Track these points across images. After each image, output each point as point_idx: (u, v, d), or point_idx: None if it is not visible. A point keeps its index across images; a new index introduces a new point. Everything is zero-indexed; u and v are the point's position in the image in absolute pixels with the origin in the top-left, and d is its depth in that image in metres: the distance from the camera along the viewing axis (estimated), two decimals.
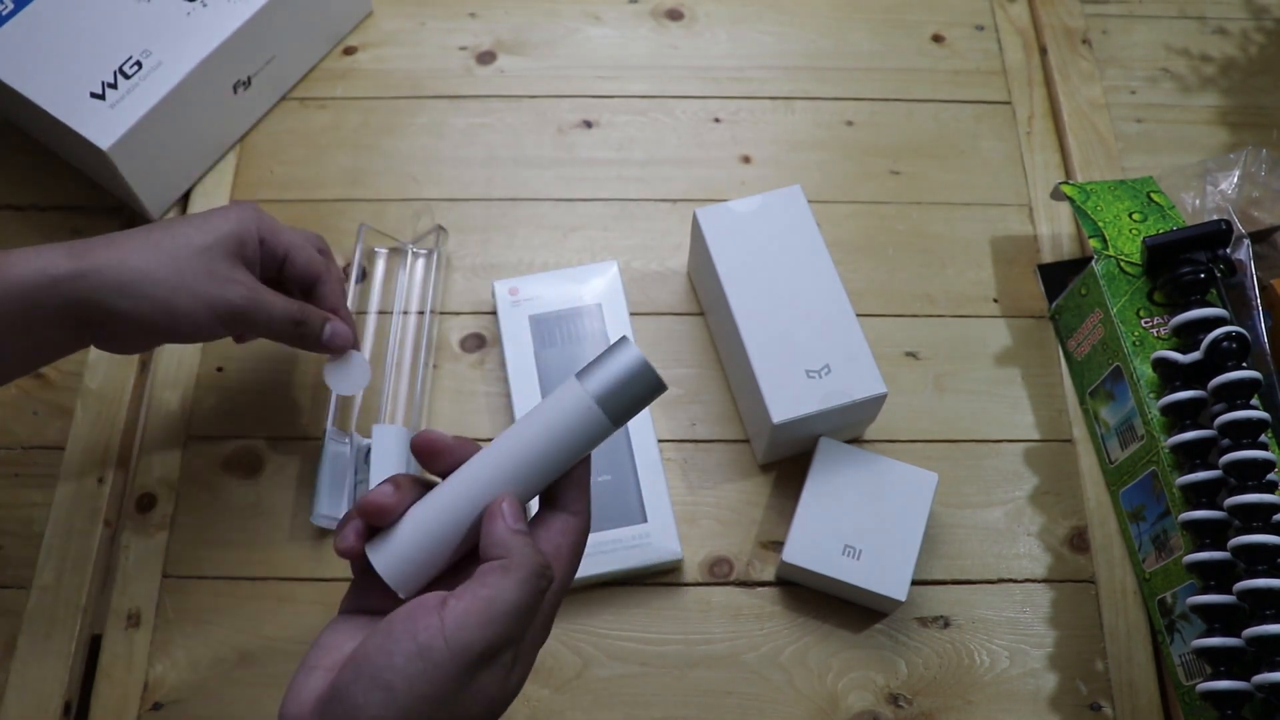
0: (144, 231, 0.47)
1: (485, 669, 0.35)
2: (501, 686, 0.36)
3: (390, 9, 0.74)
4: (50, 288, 0.44)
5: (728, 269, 0.58)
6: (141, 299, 0.45)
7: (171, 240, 0.47)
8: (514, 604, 0.35)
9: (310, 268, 0.53)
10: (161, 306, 0.46)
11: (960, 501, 0.59)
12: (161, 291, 0.46)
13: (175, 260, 0.46)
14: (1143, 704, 0.54)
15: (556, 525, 0.39)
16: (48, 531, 0.57)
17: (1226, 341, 0.52)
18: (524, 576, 0.35)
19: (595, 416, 0.38)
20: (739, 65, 0.73)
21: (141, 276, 0.45)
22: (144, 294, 0.45)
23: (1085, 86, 0.72)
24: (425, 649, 0.34)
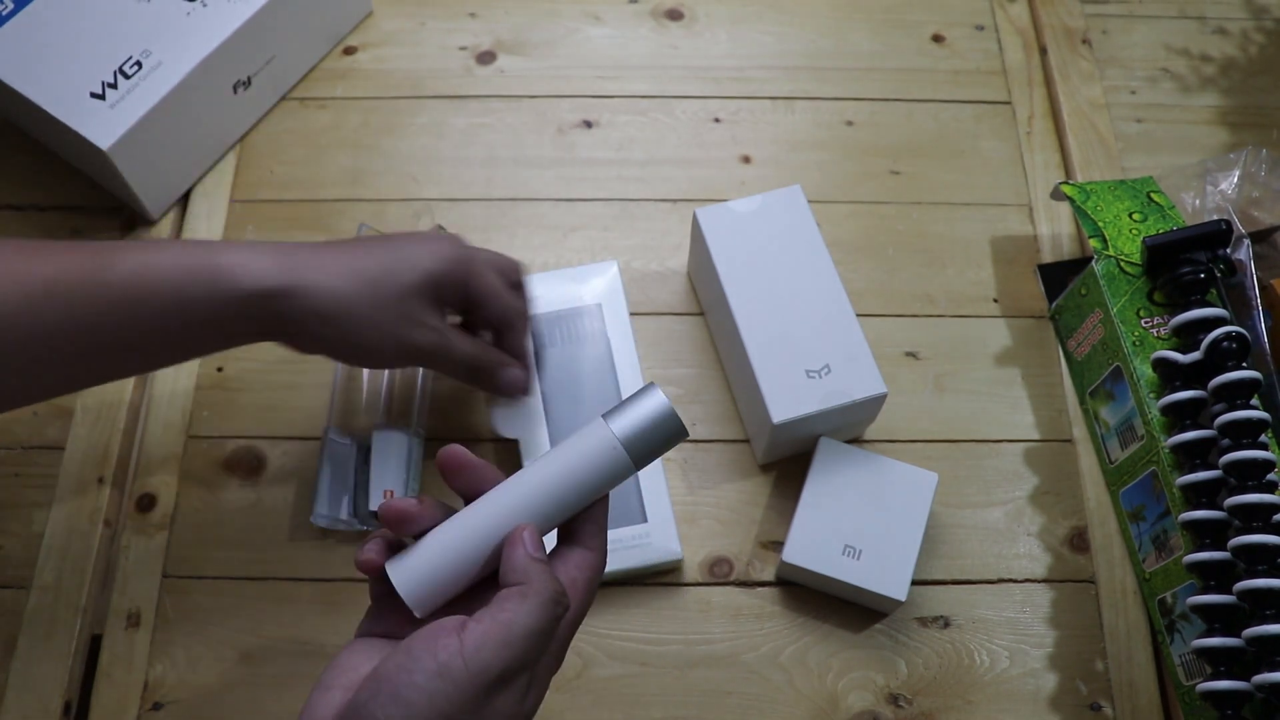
0: (350, 254, 0.48)
1: (502, 691, 0.35)
2: (517, 710, 0.36)
3: (390, 9, 0.74)
4: (260, 302, 0.45)
5: (728, 269, 0.58)
6: (337, 328, 0.47)
7: (378, 272, 0.48)
8: (531, 628, 0.36)
9: (502, 317, 0.53)
10: (353, 339, 0.48)
11: (960, 501, 0.59)
12: (357, 325, 0.47)
13: (376, 296, 0.47)
14: (1143, 704, 0.54)
15: (573, 560, 0.40)
16: (48, 531, 0.57)
17: (1226, 341, 0.52)
18: (541, 602, 0.36)
19: (619, 458, 0.39)
20: (739, 65, 0.73)
21: (343, 309, 0.47)
22: (341, 325, 0.47)
23: (1085, 86, 0.72)
24: (445, 668, 0.34)
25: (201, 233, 0.66)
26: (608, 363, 0.60)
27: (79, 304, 0.43)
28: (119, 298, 0.43)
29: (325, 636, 0.55)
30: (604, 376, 0.59)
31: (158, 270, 0.44)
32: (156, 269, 0.44)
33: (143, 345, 0.46)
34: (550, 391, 0.58)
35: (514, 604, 0.36)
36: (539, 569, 0.37)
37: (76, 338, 0.44)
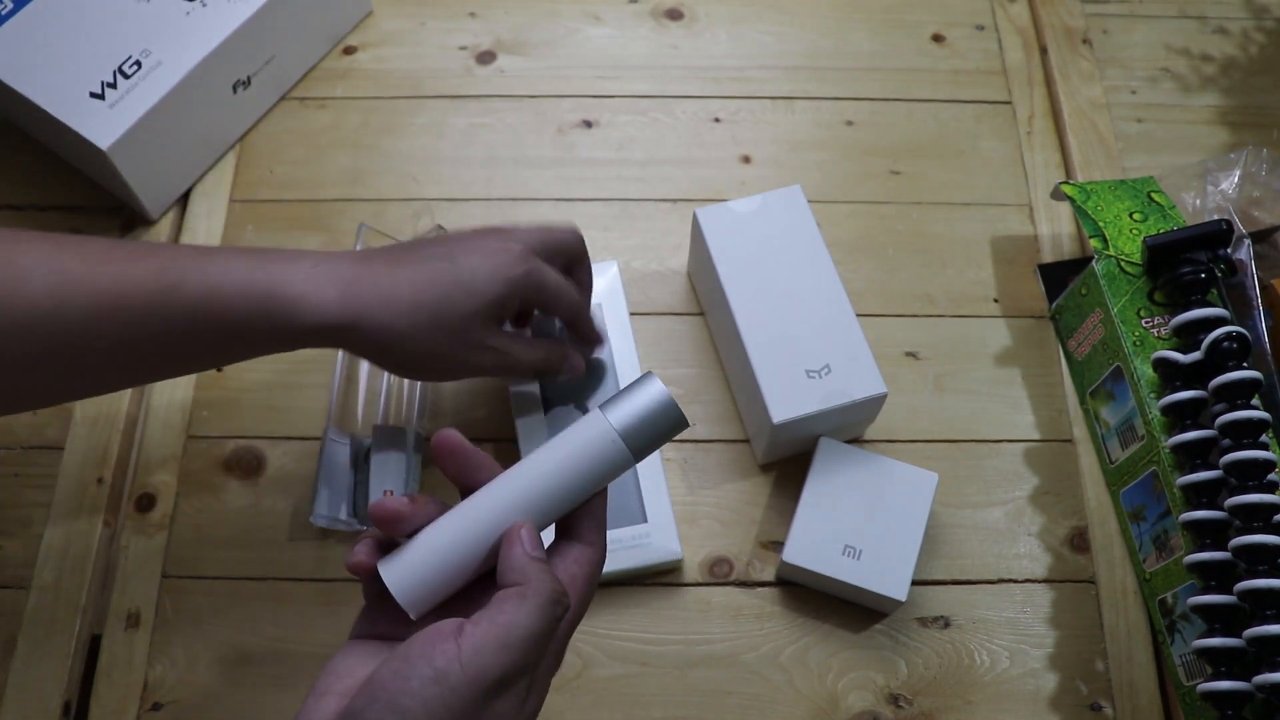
0: (412, 281, 0.47)
1: (501, 696, 0.35)
2: (517, 714, 0.36)
3: (390, 9, 0.74)
4: (322, 334, 0.45)
5: (728, 269, 0.58)
6: (398, 355, 0.47)
7: (438, 303, 0.47)
8: (530, 631, 0.35)
9: (567, 313, 0.53)
10: (413, 363, 0.48)
11: (960, 501, 0.59)
12: (418, 354, 0.47)
13: (437, 325, 0.47)
14: (1143, 704, 0.54)
15: (572, 555, 0.39)
16: (47, 531, 0.57)
17: (1227, 341, 0.52)
18: (541, 604, 0.35)
19: (618, 450, 0.38)
20: (739, 65, 0.73)
21: (403, 342, 0.47)
22: (402, 353, 0.47)
23: (1085, 86, 0.72)
24: (442, 675, 0.34)
25: (201, 232, 0.66)
26: (608, 363, 0.59)
27: (143, 323, 0.43)
28: (184, 319, 0.43)
29: (325, 637, 0.55)
30: (604, 376, 0.59)
31: (223, 297, 0.44)
32: (222, 296, 0.44)
33: (197, 361, 0.47)
34: (550, 391, 0.58)
35: (512, 605, 0.35)
36: (538, 568, 0.36)
37: (135, 350, 0.44)
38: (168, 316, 0.43)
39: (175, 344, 0.44)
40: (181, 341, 0.44)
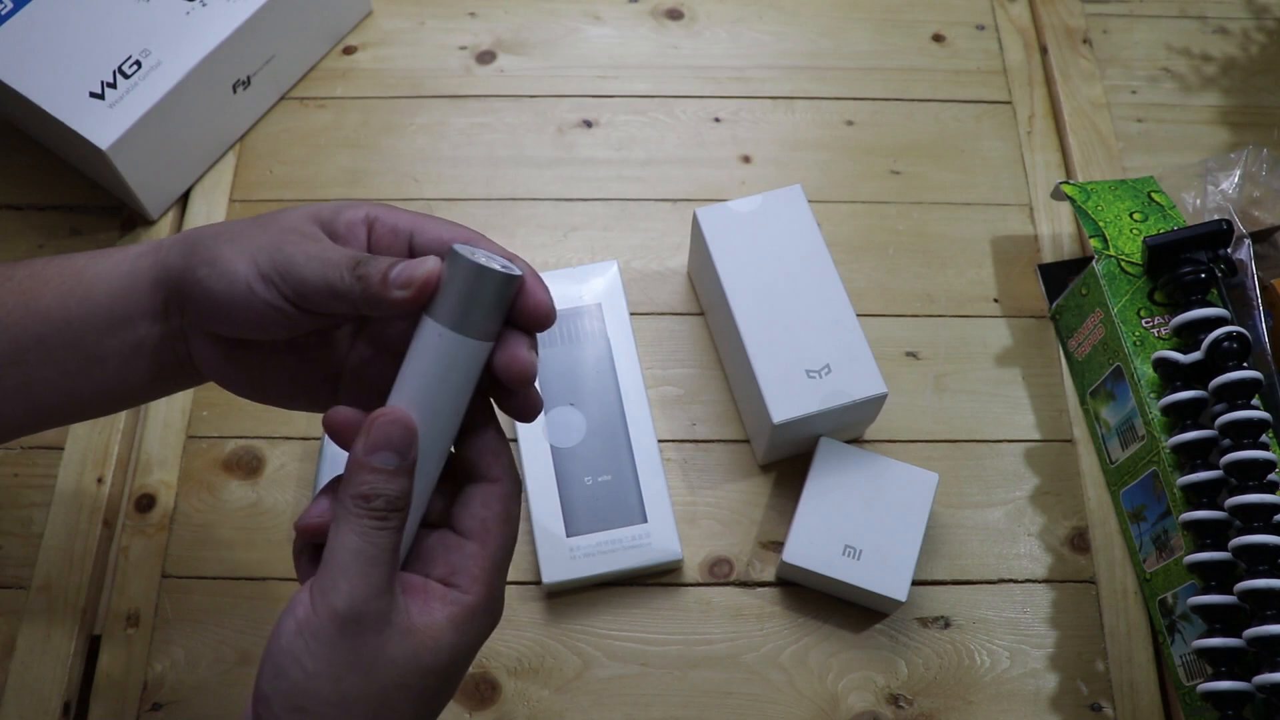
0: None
1: (365, 630, 0.34)
2: (402, 646, 0.34)
3: (390, 8, 0.74)
4: (153, 254, 0.39)
5: (728, 269, 0.58)
6: (215, 257, 0.37)
7: (269, 215, 0.39)
8: (354, 547, 0.34)
9: (449, 234, 0.38)
10: (219, 269, 0.37)
11: (960, 501, 0.59)
12: (228, 248, 0.37)
13: (257, 223, 0.38)
14: (1143, 704, 0.54)
15: (477, 498, 0.37)
16: (47, 531, 0.57)
17: (1227, 341, 0.52)
18: (352, 517, 0.34)
19: (458, 342, 0.35)
20: (739, 65, 0.73)
21: (222, 236, 0.38)
22: (217, 250, 0.37)
23: (1086, 86, 0.72)
24: (301, 623, 0.34)
25: None
26: (608, 363, 0.59)
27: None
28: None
29: None
30: (604, 376, 0.59)
31: (70, 259, 0.40)
32: (41, 277, 0.40)
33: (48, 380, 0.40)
34: (550, 391, 0.58)
35: (334, 530, 0.34)
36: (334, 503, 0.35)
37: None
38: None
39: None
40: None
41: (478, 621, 0.36)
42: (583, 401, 0.58)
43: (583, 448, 0.57)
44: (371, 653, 0.34)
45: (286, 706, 0.34)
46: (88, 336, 0.39)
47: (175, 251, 0.39)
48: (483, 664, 0.54)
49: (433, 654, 0.35)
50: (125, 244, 0.64)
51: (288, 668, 0.33)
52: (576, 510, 0.56)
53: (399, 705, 0.35)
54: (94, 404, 0.42)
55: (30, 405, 0.41)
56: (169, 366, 0.41)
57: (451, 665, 0.36)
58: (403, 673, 0.34)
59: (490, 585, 0.37)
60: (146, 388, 0.41)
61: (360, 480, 0.34)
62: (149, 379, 0.41)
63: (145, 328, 0.40)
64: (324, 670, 0.33)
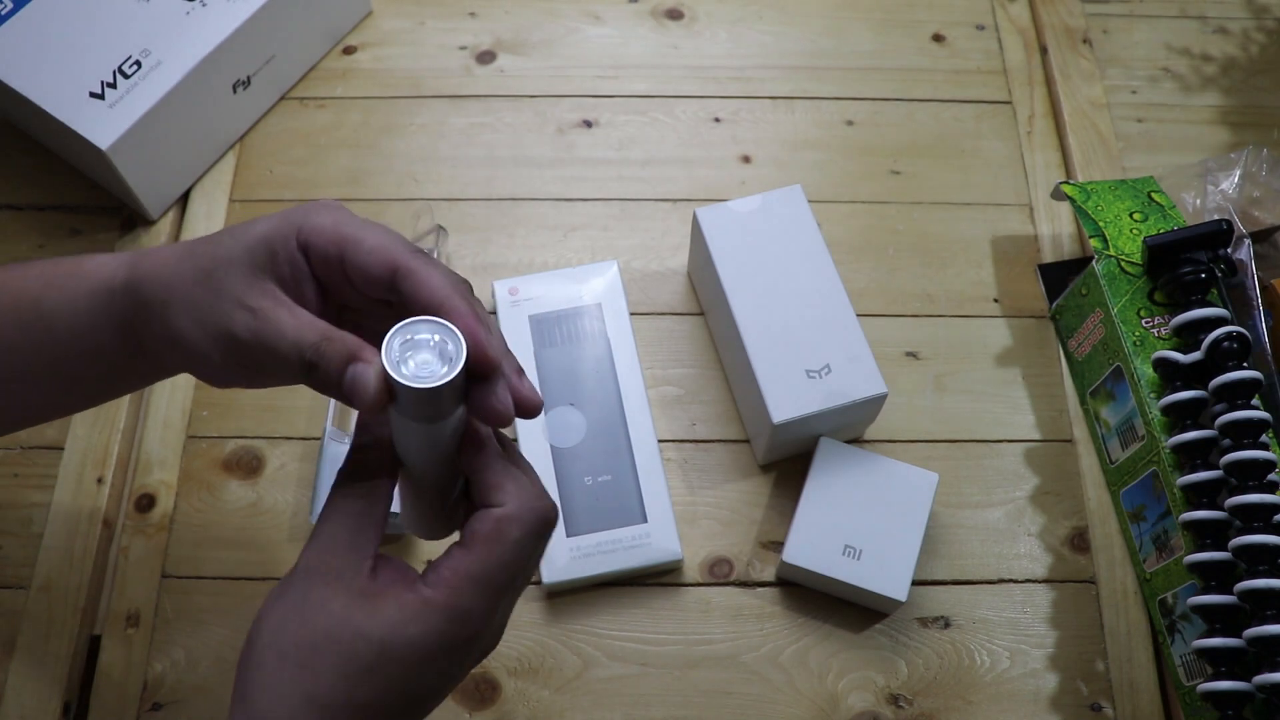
0: (198, 239, 0.39)
1: (318, 579, 0.35)
2: (344, 602, 0.35)
3: (390, 8, 0.74)
4: (110, 299, 0.39)
5: (728, 269, 0.58)
6: (164, 321, 0.38)
7: (205, 248, 0.38)
8: (333, 511, 0.37)
9: (379, 256, 0.37)
10: (174, 332, 0.37)
11: (960, 501, 0.59)
12: (176, 314, 0.37)
13: (197, 275, 0.37)
14: (1143, 704, 0.54)
15: (477, 516, 0.37)
16: (47, 531, 0.57)
17: (1227, 341, 0.52)
18: (336, 486, 0.37)
19: (424, 428, 0.35)
20: (739, 65, 0.73)
21: (169, 294, 0.38)
22: (165, 314, 0.37)
23: (1086, 86, 0.72)
24: (281, 580, 0.37)
25: (201, 232, 0.66)
26: (608, 363, 0.59)
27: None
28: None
29: None
30: (604, 376, 0.59)
31: (22, 281, 0.41)
32: (22, 279, 0.41)
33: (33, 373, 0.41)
34: (550, 391, 0.58)
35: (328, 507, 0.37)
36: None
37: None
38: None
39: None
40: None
41: (434, 621, 0.35)
42: (583, 401, 0.58)
43: (583, 448, 0.57)
44: (313, 600, 0.35)
45: (246, 645, 0.36)
46: (60, 365, 0.41)
47: (128, 306, 0.39)
48: (483, 664, 0.54)
49: (368, 619, 0.35)
50: (125, 244, 0.65)
51: (258, 613, 0.36)
52: (576, 510, 0.56)
53: (328, 658, 0.34)
54: (69, 408, 0.45)
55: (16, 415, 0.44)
56: (151, 376, 0.43)
57: (397, 649, 0.34)
58: (334, 624, 0.35)
59: (459, 591, 0.35)
60: (130, 387, 0.44)
61: (347, 460, 0.38)
62: (132, 386, 0.44)
63: (116, 358, 0.41)
64: (275, 612, 0.36)
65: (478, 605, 0.36)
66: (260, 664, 0.35)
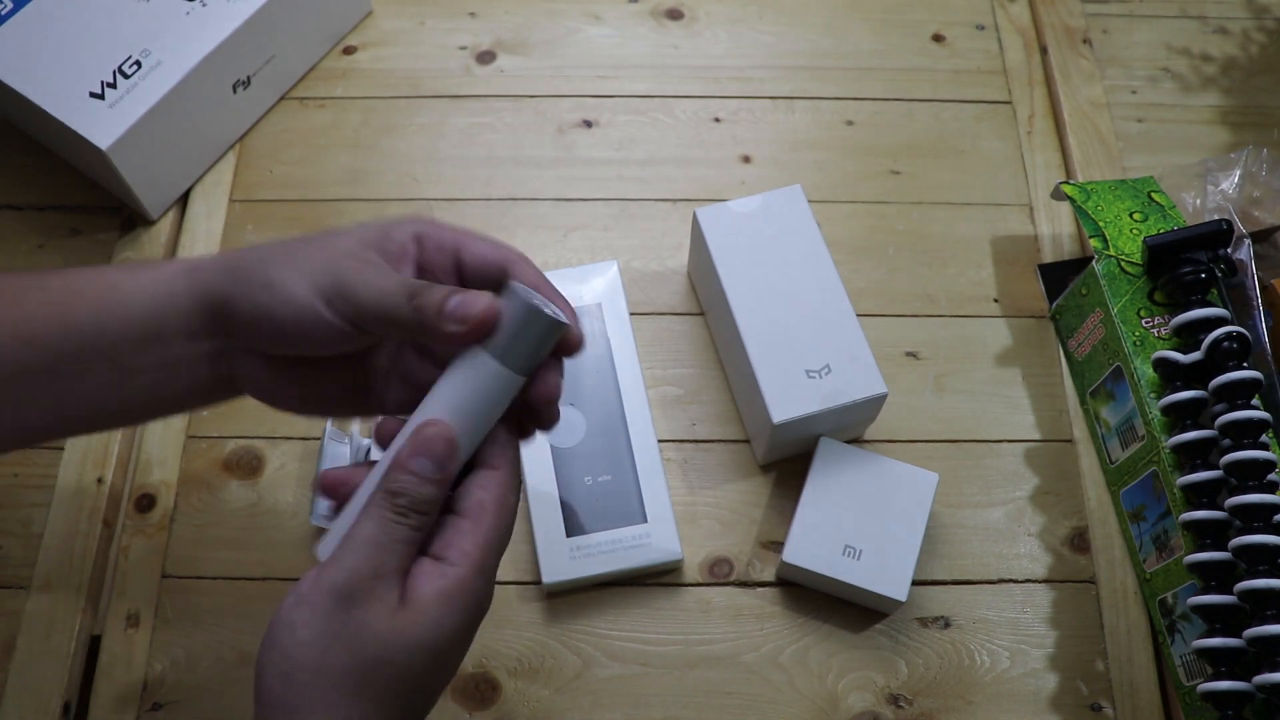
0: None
1: (355, 603, 0.35)
2: (390, 621, 0.35)
3: (390, 8, 0.74)
4: (186, 275, 0.40)
5: (728, 269, 0.58)
6: (266, 278, 0.38)
7: (318, 236, 0.40)
8: (369, 533, 0.36)
9: (495, 249, 0.40)
10: (274, 287, 0.38)
11: (960, 502, 0.59)
12: (279, 269, 0.38)
13: (302, 239, 0.39)
14: (1143, 704, 0.54)
15: (476, 482, 0.38)
16: (47, 532, 0.57)
17: (1227, 341, 0.52)
18: (376, 508, 0.36)
19: (501, 375, 0.37)
20: (739, 65, 0.73)
21: (269, 254, 0.39)
22: (267, 272, 0.38)
23: (1086, 86, 0.72)
24: (300, 594, 0.35)
25: (201, 232, 0.66)
26: (608, 362, 0.59)
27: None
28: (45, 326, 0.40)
29: None
30: (604, 376, 0.59)
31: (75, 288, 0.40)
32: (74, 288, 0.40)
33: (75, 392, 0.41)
34: None
35: (361, 515, 0.37)
36: (362, 472, 0.38)
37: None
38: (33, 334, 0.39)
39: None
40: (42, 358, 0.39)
41: (466, 598, 0.37)
42: (583, 401, 0.58)
43: (583, 448, 0.57)
44: (358, 625, 0.35)
45: (274, 673, 0.35)
46: (123, 352, 0.40)
47: (217, 274, 0.39)
48: (483, 664, 0.55)
49: (419, 628, 0.35)
50: (125, 244, 0.65)
51: (280, 636, 0.35)
52: (576, 510, 0.56)
53: (382, 679, 0.35)
54: (121, 416, 0.42)
55: (59, 416, 0.41)
56: (205, 381, 0.41)
57: (440, 643, 0.36)
58: (387, 647, 0.35)
59: (480, 562, 0.37)
60: (176, 401, 0.42)
61: (394, 478, 0.37)
62: (181, 393, 0.41)
63: (181, 346, 0.40)
64: (312, 639, 0.35)
65: (492, 571, 0.38)
66: (313, 698, 0.34)
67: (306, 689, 0.35)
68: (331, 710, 0.34)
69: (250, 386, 0.41)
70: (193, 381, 0.41)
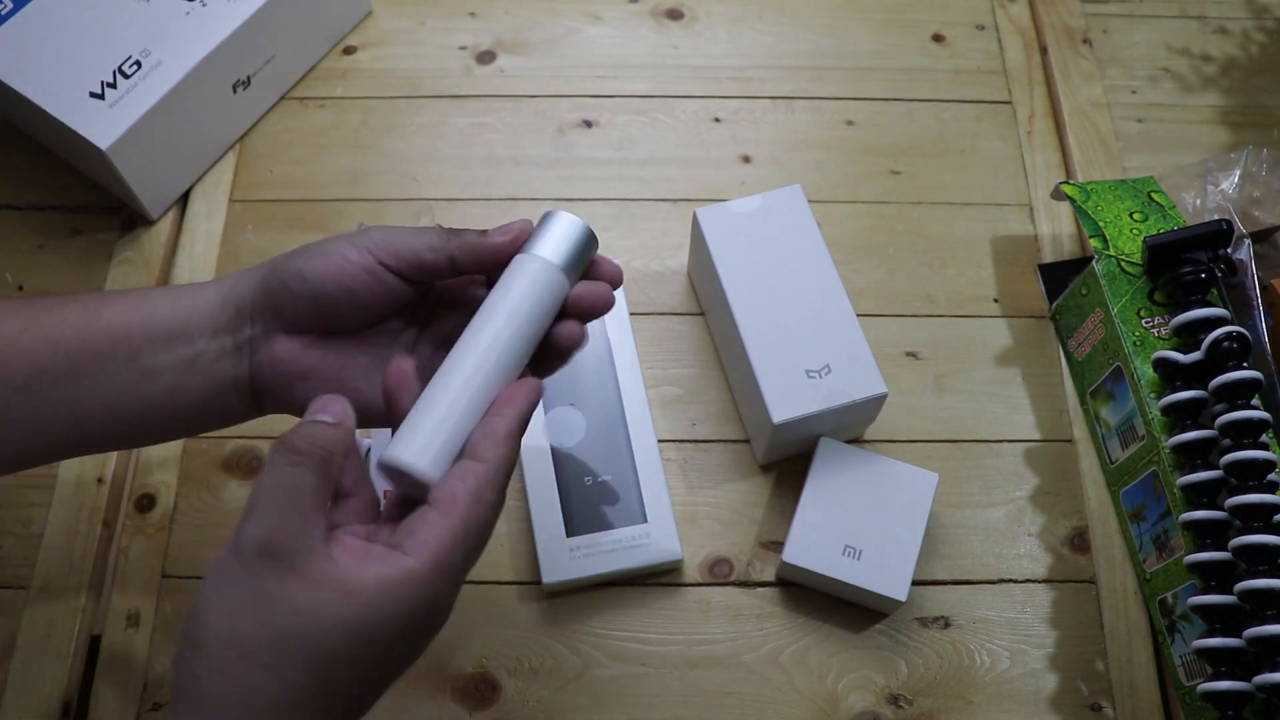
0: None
1: (266, 566, 0.33)
2: (309, 593, 0.33)
3: (390, 8, 0.74)
4: (218, 282, 0.42)
5: (728, 269, 0.58)
6: (308, 256, 0.41)
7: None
8: (267, 485, 0.34)
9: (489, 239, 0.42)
10: (323, 255, 0.41)
11: (960, 501, 0.59)
12: (322, 246, 0.41)
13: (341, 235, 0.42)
14: (1143, 704, 0.54)
15: (456, 472, 0.36)
16: (47, 531, 0.57)
17: (1227, 341, 0.52)
18: (278, 454, 0.34)
19: (548, 267, 0.41)
20: (739, 65, 0.73)
21: (304, 247, 0.42)
22: (310, 252, 0.41)
23: (1086, 86, 0.72)
24: (218, 561, 0.33)
25: (201, 232, 0.66)
26: (608, 363, 0.59)
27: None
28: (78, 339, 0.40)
29: None
30: (604, 376, 0.59)
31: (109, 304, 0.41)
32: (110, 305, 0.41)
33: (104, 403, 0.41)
34: (550, 391, 0.58)
35: (268, 464, 0.35)
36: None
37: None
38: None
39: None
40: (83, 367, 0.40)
41: (415, 592, 0.34)
42: (583, 401, 0.58)
43: (583, 448, 0.57)
44: (270, 593, 0.33)
45: (188, 643, 0.33)
46: (144, 350, 0.41)
47: (254, 271, 0.42)
48: (483, 664, 0.55)
49: (343, 608, 0.33)
50: (125, 244, 0.65)
51: (195, 604, 0.33)
52: (576, 510, 0.56)
53: (300, 657, 0.33)
54: (136, 426, 0.42)
55: (75, 424, 0.41)
56: (226, 383, 0.42)
57: (371, 631, 0.33)
58: (302, 621, 0.32)
59: (439, 557, 0.34)
60: (192, 409, 0.42)
61: (292, 432, 0.35)
62: (198, 398, 0.42)
63: (204, 343, 0.41)
64: (222, 605, 0.33)
65: (461, 567, 0.35)
66: (218, 668, 0.32)
67: (214, 657, 0.32)
68: (237, 681, 0.32)
69: (269, 373, 0.42)
70: (210, 383, 0.41)
